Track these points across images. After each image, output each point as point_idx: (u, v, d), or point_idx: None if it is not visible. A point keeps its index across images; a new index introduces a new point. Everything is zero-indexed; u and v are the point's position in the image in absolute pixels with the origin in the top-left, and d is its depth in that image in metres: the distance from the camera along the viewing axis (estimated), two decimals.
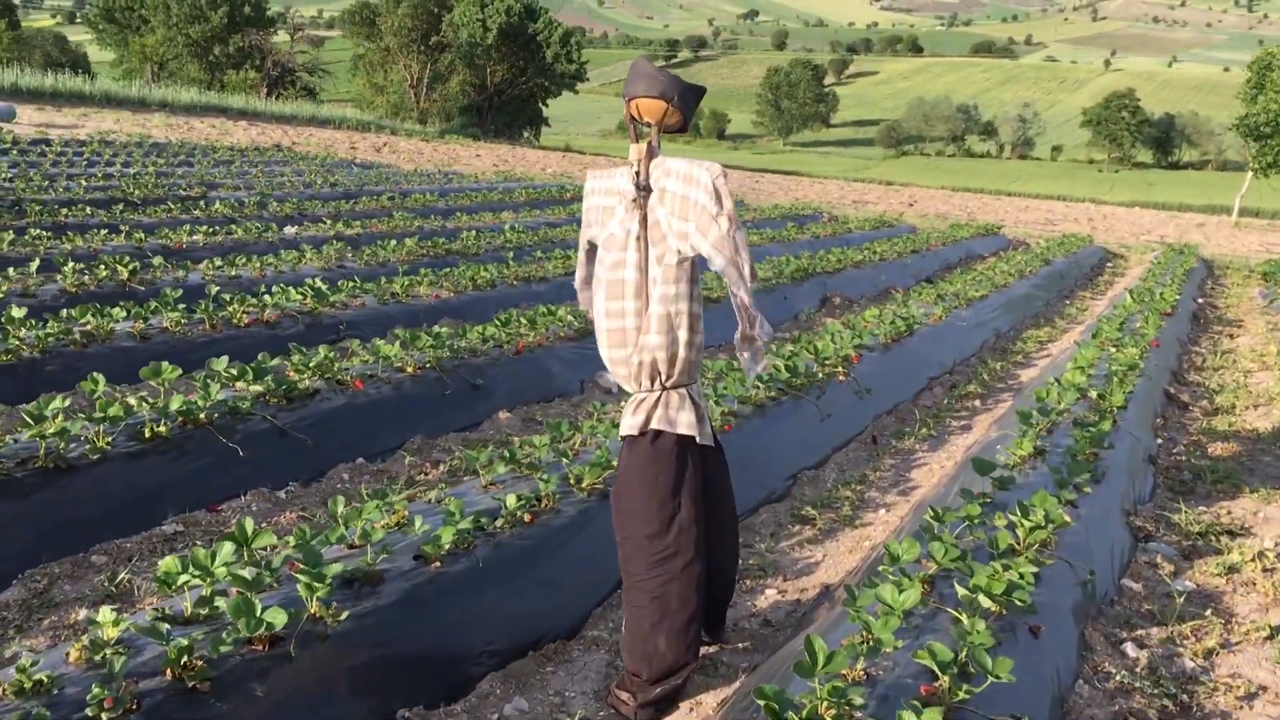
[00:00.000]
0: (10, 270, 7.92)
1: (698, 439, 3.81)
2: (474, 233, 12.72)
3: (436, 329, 7.08)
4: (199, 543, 4.47)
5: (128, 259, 8.45)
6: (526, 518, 4.31)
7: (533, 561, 4.19)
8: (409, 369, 6.44)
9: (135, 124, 30.29)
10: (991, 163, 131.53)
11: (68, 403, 4.76)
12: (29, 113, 29.98)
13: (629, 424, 3.80)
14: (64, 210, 11.65)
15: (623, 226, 3.72)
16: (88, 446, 4.53)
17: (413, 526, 3.95)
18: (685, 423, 3.77)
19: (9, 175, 14.41)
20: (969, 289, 12.06)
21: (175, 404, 4.89)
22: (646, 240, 3.67)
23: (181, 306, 7.27)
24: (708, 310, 5.44)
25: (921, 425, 7.64)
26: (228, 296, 7.62)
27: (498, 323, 7.39)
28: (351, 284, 8.68)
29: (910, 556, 3.77)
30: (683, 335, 3.70)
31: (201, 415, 5.00)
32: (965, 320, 10.69)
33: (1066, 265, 17.09)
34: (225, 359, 5.61)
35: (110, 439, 4.64)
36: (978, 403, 8.45)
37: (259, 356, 5.84)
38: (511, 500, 4.27)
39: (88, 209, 11.86)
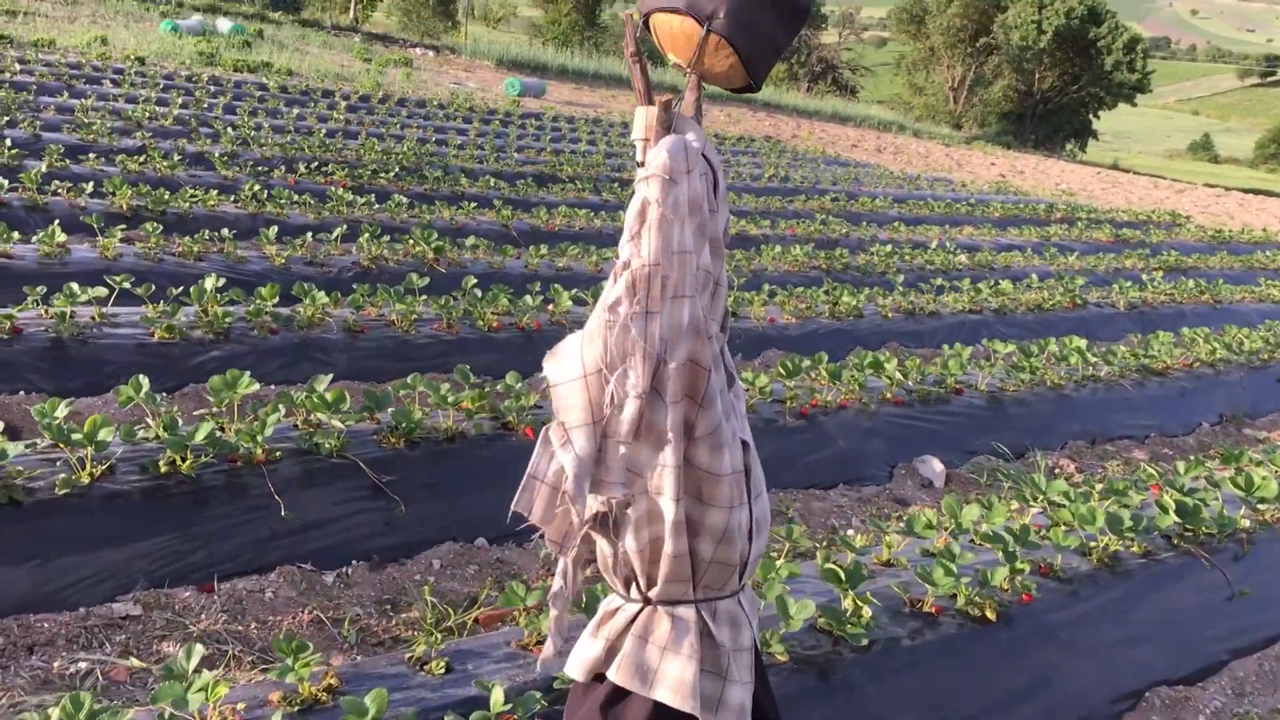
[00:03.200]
0: (308, 236, 7.36)
1: (704, 718, 1.87)
2: (888, 248, 10.68)
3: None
4: None
5: (436, 236, 7.61)
6: None
7: None
8: None
9: None
10: None
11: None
12: (564, 91, 31.95)
13: (575, 658, 1.96)
14: (464, 179, 11.33)
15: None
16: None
17: None
18: (672, 681, 1.85)
19: (459, 143, 14.65)
20: None
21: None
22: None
23: (447, 298, 6.26)
24: None
25: None
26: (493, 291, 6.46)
27: (782, 369, 5.51)
28: None
29: None
30: (667, 504, 1.79)
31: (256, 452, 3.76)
32: None
33: None
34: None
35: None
36: None
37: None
38: None
39: (492, 180, 11.46)
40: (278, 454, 3.82)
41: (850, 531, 4.37)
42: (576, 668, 1.91)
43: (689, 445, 1.77)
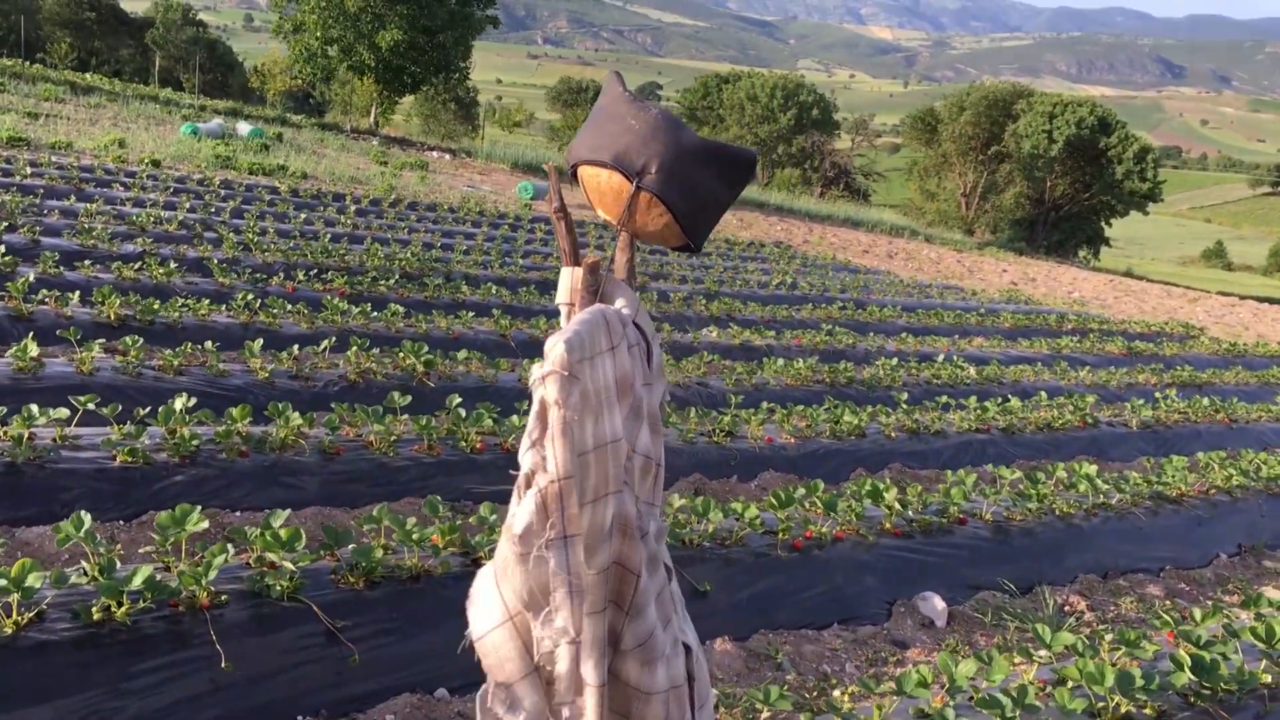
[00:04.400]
0: (295, 349, 7.20)
1: None
2: (894, 361, 10.47)
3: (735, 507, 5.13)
4: None
5: (427, 349, 7.43)
6: None
7: None
8: None
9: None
10: None
11: None
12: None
13: None
14: (465, 286, 11.23)
15: None
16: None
17: None
18: None
19: (465, 248, 14.62)
20: None
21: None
22: None
23: (429, 418, 6.07)
24: None
25: None
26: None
27: (774, 500, 5.24)
28: None
29: None
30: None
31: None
32: None
33: None
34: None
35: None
36: None
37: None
38: None
39: (494, 288, 11.36)
40: (224, 597, 3.57)
41: (836, 693, 4.06)
42: None
43: (615, 659, 1.53)
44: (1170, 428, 9.82)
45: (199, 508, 3.71)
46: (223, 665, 3.38)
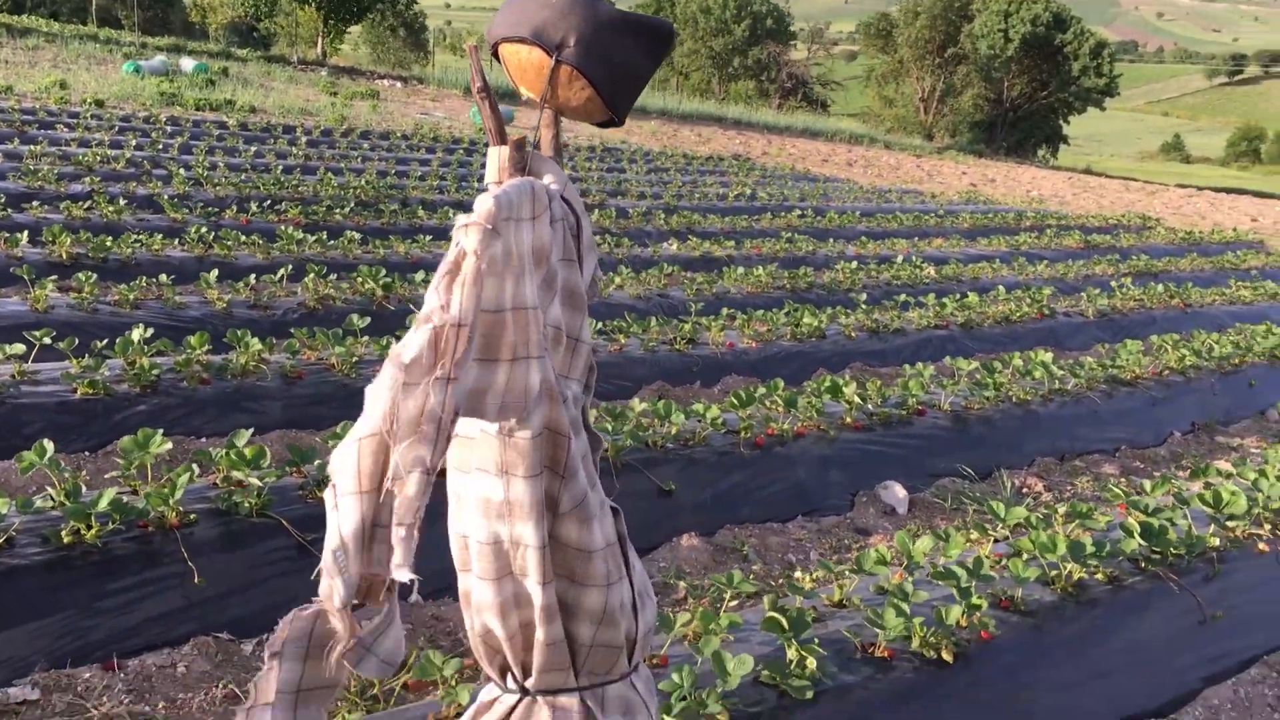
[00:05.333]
0: (252, 278, 7.17)
1: None
2: (853, 264, 10.53)
3: (636, 406, 5.21)
4: None
5: (386, 273, 7.42)
6: None
7: None
8: None
9: (620, 130, 31.03)
10: None
11: None
12: (533, 116, 31.77)
13: None
14: (422, 211, 11.15)
15: None
16: None
17: None
18: None
19: (420, 175, 14.48)
20: None
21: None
22: None
23: (389, 338, 6.08)
24: None
25: None
26: None
27: (735, 400, 5.33)
28: (618, 322, 7.06)
29: None
30: (534, 588, 1.61)
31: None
32: None
33: None
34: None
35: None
36: None
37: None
38: None
39: (451, 211, 11.29)
40: (192, 516, 3.62)
41: (798, 574, 4.18)
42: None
43: (554, 521, 1.59)
44: (1126, 315, 9.98)
45: (161, 431, 3.74)
46: (195, 581, 3.44)
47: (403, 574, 1.38)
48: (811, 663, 3.12)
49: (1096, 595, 3.95)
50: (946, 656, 3.36)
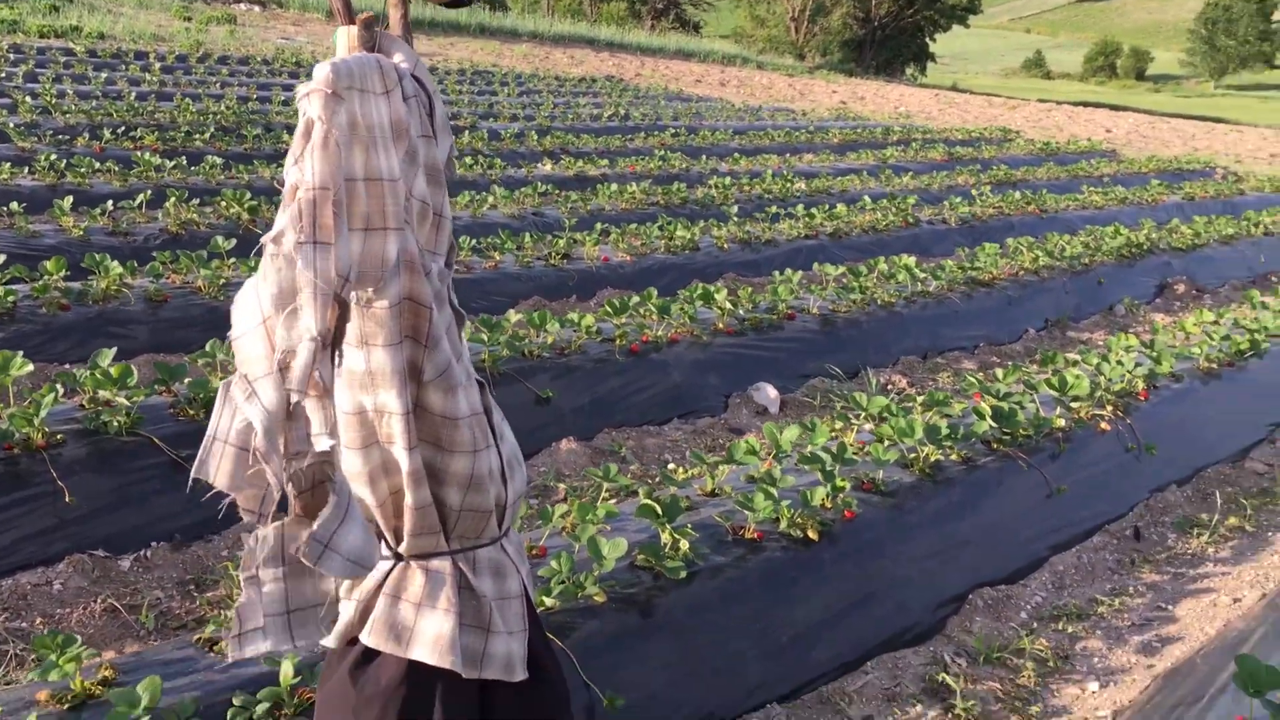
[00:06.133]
0: (109, 205, 6.93)
1: (467, 673, 1.77)
2: (726, 179, 10.66)
3: (511, 316, 5.27)
4: None
5: (250, 196, 7.25)
6: None
7: None
8: None
9: (491, 54, 30.44)
10: None
11: None
12: None
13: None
14: (287, 135, 10.85)
15: None
16: None
17: None
18: (429, 638, 1.74)
19: (283, 99, 14.05)
20: None
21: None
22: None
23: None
24: None
25: (1231, 511, 4.89)
26: None
27: (609, 308, 5.42)
28: (493, 239, 7.05)
29: None
30: (400, 454, 1.66)
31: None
32: None
33: None
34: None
35: None
36: None
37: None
38: None
39: None
40: (60, 437, 3.57)
41: (672, 465, 4.33)
42: (330, 634, 1.79)
43: (419, 390, 1.66)
44: (986, 222, 10.35)
45: (20, 353, 3.65)
46: (67, 500, 3.41)
47: (321, 442, 1.42)
48: (685, 545, 3.26)
49: (952, 475, 4.19)
50: (813, 535, 3.54)
